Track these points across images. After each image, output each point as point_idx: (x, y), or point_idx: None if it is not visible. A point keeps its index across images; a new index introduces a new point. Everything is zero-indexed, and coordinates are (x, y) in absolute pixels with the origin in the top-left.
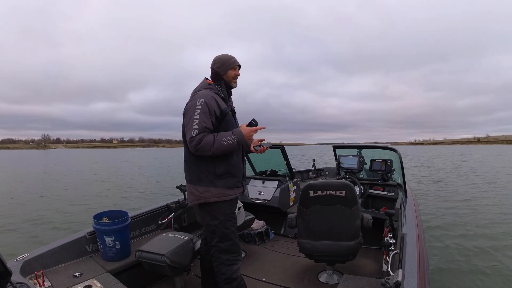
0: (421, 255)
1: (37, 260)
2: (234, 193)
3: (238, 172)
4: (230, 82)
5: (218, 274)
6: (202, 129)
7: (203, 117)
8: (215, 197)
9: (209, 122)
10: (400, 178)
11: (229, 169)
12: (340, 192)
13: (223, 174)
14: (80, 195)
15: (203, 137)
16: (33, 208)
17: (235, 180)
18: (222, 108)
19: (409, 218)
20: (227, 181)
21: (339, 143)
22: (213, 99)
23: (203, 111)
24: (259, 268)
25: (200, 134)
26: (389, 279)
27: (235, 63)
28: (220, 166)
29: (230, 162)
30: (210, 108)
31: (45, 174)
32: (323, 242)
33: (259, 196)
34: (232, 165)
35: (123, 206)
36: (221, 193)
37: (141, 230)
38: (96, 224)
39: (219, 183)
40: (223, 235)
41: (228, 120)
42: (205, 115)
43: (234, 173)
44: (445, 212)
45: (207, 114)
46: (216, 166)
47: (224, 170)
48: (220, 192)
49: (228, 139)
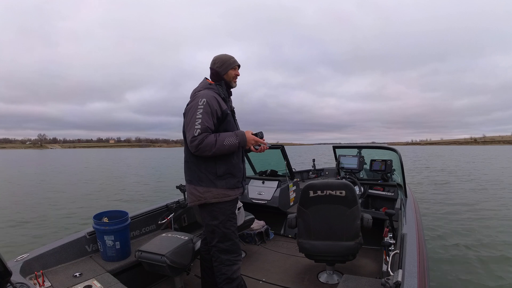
0: (421, 255)
1: (37, 260)
2: (235, 194)
3: (239, 173)
4: (230, 82)
5: (218, 274)
6: (205, 129)
7: (205, 117)
8: (216, 197)
9: (211, 122)
10: (400, 178)
11: (229, 170)
12: (340, 192)
13: (223, 174)
14: (73, 195)
15: (204, 137)
16: (32, 208)
17: (236, 181)
18: (223, 109)
19: (409, 218)
20: (228, 181)
21: (336, 143)
22: (215, 99)
23: (205, 111)
24: (259, 268)
25: (202, 134)
26: (389, 279)
27: (235, 63)
28: (221, 167)
29: (231, 163)
30: (212, 108)
31: (37, 175)
32: (323, 242)
33: (259, 196)
34: (232, 166)
35: (118, 207)
36: (221, 194)
37: (141, 230)
38: (96, 224)
39: (219, 184)
40: (223, 235)
41: (229, 121)
42: (207, 115)
43: (234, 173)
44: (445, 212)
45: (209, 114)
46: (217, 167)
47: (224, 170)
48: (220, 192)
49: (230, 140)
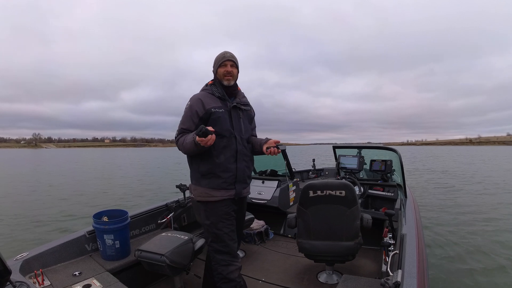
0: (421, 256)
1: (36, 259)
2: (221, 195)
3: (225, 173)
4: (221, 80)
5: (215, 273)
6: (180, 131)
7: (184, 119)
8: (200, 196)
9: (188, 124)
10: (400, 179)
11: (212, 169)
12: (340, 192)
13: (206, 173)
14: (72, 195)
15: (179, 138)
16: (30, 207)
17: (221, 181)
18: (207, 108)
19: (409, 218)
20: (211, 181)
21: (332, 143)
22: (199, 100)
23: (186, 113)
24: (259, 268)
25: (179, 135)
26: (388, 280)
27: (224, 59)
28: (203, 165)
29: (214, 162)
30: (192, 110)
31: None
32: (323, 242)
33: (259, 196)
34: (216, 165)
35: (117, 206)
36: (205, 193)
37: (140, 230)
38: (96, 223)
39: (203, 183)
40: (215, 236)
41: (216, 119)
42: (186, 117)
43: (218, 173)
44: (445, 212)
45: (189, 116)
46: (200, 165)
47: (207, 169)
48: (204, 191)
49: (189, 138)
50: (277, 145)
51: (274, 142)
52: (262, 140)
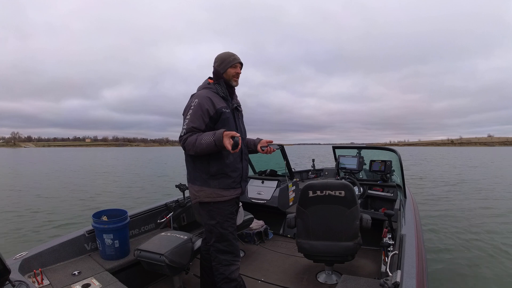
0: (420, 256)
1: (35, 258)
2: (230, 194)
3: (234, 173)
4: (230, 80)
5: (216, 273)
6: (189, 129)
7: (193, 117)
8: (209, 197)
9: (198, 122)
10: (399, 179)
11: (223, 169)
12: (339, 192)
13: (216, 174)
14: (71, 195)
15: (188, 137)
16: (32, 206)
17: (230, 181)
18: (217, 108)
19: (408, 219)
20: (221, 181)
21: (315, 144)
22: (208, 99)
23: (195, 111)
24: (258, 268)
25: (187, 134)
26: (387, 280)
27: (236, 61)
28: (213, 166)
29: (224, 162)
30: (203, 108)
31: (37, 174)
32: (322, 242)
33: (259, 196)
34: (226, 165)
35: (117, 205)
36: (215, 194)
37: (140, 229)
38: (95, 223)
39: (212, 183)
40: (220, 235)
41: (225, 119)
42: (196, 115)
43: (228, 173)
44: (444, 213)
45: (199, 114)
46: (210, 166)
47: (217, 169)
48: (214, 192)
49: (207, 138)
50: (269, 144)
51: (266, 142)
52: (255, 140)
